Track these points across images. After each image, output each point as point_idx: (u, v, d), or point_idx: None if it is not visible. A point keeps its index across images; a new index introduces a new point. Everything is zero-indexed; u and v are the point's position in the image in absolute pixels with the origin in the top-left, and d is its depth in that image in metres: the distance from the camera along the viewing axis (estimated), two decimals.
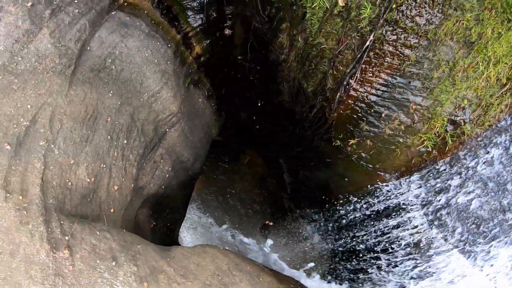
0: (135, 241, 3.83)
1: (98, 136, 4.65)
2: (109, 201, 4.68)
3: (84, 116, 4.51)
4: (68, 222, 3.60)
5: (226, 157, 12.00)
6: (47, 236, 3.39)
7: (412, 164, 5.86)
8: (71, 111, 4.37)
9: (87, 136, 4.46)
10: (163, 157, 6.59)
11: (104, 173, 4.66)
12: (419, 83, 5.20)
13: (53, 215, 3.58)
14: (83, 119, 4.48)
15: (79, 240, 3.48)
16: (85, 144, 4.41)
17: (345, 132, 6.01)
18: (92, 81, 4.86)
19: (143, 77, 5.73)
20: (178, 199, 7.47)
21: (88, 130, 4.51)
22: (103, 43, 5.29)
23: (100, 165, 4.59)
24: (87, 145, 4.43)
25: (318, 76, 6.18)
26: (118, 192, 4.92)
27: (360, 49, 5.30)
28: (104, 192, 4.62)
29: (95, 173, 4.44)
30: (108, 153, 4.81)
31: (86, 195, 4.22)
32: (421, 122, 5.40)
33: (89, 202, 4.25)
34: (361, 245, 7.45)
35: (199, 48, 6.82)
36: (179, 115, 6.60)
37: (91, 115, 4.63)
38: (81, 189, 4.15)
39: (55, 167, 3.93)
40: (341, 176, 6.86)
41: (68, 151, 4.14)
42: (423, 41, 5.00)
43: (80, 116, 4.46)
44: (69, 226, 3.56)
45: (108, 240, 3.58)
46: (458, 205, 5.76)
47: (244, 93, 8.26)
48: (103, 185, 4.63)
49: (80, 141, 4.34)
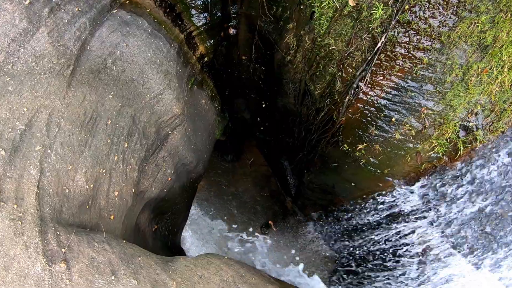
0: (135, 253, 3.65)
1: (97, 140, 4.47)
2: (109, 207, 4.50)
3: (83, 119, 4.32)
4: (65, 233, 3.42)
5: (229, 156, 11.83)
6: (42, 249, 3.21)
7: (421, 170, 5.66)
8: (69, 114, 4.19)
9: (86, 140, 4.28)
10: (165, 160, 6.40)
11: (103, 178, 4.48)
12: (431, 87, 4.99)
13: (49, 225, 3.40)
14: (82, 123, 4.30)
15: (76, 253, 3.30)
16: (84, 148, 4.22)
17: (353, 136, 5.80)
18: (91, 82, 4.68)
19: (145, 78, 5.54)
20: (180, 202, 7.29)
21: (87, 134, 4.33)
22: (104, 42, 5.11)
23: (100, 170, 4.41)
24: (86, 149, 4.25)
25: (326, 78, 5.97)
26: (119, 197, 4.74)
27: (370, 51, 5.10)
28: (103, 198, 4.44)
29: (94, 179, 4.26)
30: (108, 158, 4.62)
31: (84, 202, 4.04)
32: (432, 127, 5.20)
33: (87, 209, 4.07)
34: (367, 251, 7.26)
35: (203, 48, 6.62)
36: (182, 117, 6.41)
37: (90, 118, 4.44)
38: (79, 196, 3.97)
39: (51, 173, 3.75)
40: (347, 181, 6.66)
41: (65, 157, 3.96)
42: (436, 43, 4.79)
43: (79, 119, 4.27)
44: (66, 237, 3.38)
45: (107, 253, 3.40)
46: (468, 213, 5.58)
47: (248, 94, 8.08)
48: (103, 191, 4.45)
49: (79, 146, 4.15)
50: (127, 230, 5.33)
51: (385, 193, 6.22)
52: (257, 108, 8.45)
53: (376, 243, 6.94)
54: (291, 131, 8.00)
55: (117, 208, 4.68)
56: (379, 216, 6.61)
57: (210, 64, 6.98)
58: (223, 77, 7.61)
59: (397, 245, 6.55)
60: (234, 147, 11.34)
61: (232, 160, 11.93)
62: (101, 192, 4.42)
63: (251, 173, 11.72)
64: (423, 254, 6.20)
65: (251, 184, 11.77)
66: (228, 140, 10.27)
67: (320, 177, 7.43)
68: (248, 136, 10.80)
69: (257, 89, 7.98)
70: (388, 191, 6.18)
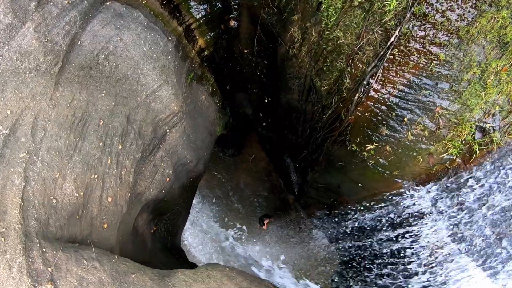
0: (129, 269, 3.37)
1: (88, 143, 4.15)
2: (102, 215, 4.21)
3: (71, 121, 4.00)
4: (52, 250, 3.13)
5: (230, 150, 11.56)
6: (27, 268, 2.93)
7: (433, 172, 5.34)
8: (57, 116, 3.86)
9: (75, 144, 3.96)
10: (163, 160, 6.10)
11: (95, 184, 4.18)
12: (447, 85, 4.64)
13: (34, 241, 3.12)
14: (71, 125, 3.98)
15: (64, 272, 3.02)
16: (73, 153, 3.91)
17: (362, 136, 5.48)
18: (82, 80, 4.34)
19: (140, 74, 5.20)
20: (180, 202, 7.02)
21: (77, 137, 4.01)
22: (96, 36, 4.75)
23: (91, 175, 4.10)
24: (75, 154, 3.94)
25: (333, 74, 5.62)
26: (113, 203, 4.45)
27: (383, 45, 4.74)
28: (96, 206, 4.15)
29: (84, 186, 3.96)
30: (100, 161, 4.32)
31: (74, 212, 3.75)
32: (446, 128, 4.86)
33: (77, 220, 3.78)
34: (373, 252, 7.00)
35: (203, 41, 6.25)
36: (181, 114, 6.08)
37: (80, 120, 4.12)
38: (68, 206, 3.67)
39: (37, 182, 3.45)
40: (354, 181, 6.36)
41: (52, 163, 3.65)
42: (453, 38, 4.43)
43: (67, 121, 3.95)
44: (53, 254, 3.10)
45: (97, 271, 3.12)
46: (481, 217, 5.28)
47: (250, 89, 7.72)
48: (95, 198, 4.15)
49: (67, 150, 3.84)
50: (123, 236, 5.06)
51: (393, 194, 5.92)
52: (259, 103, 8.10)
53: (382, 245, 6.67)
54: (294, 128, 7.67)
55: (111, 215, 4.39)
56: (386, 218, 6.32)
57: (210, 58, 6.61)
58: (224, 71, 7.25)
59: (404, 247, 6.27)
60: (236, 141, 11.04)
61: (233, 154, 11.65)
62: (93, 199, 4.12)
63: (252, 168, 11.47)
64: (431, 257, 5.92)
65: (252, 179, 11.52)
66: (229, 134, 9.96)
67: (325, 177, 7.12)
68: (250, 130, 10.51)
69: (259, 84, 7.63)
70: (396, 193, 5.87)
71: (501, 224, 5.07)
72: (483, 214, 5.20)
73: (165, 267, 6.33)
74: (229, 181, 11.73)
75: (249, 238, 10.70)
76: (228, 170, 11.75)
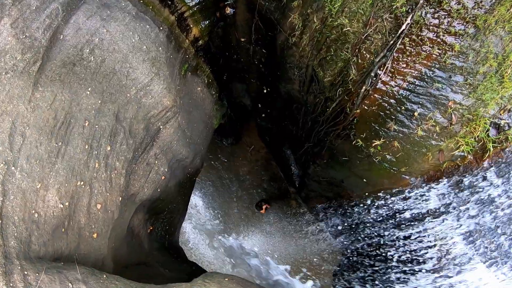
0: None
1: (72, 148, 3.81)
2: (91, 224, 3.92)
3: (53, 125, 3.64)
4: (34, 272, 2.84)
5: (228, 140, 11.25)
6: None
7: (442, 169, 5.05)
8: (36, 120, 3.50)
9: (58, 150, 3.62)
10: (157, 158, 5.77)
11: (82, 191, 3.86)
12: (461, 78, 4.29)
13: (15, 263, 2.83)
14: (52, 128, 3.63)
15: None
16: (56, 160, 3.58)
17: (368, 131, 5.15)
18: (64, 78, 3.96)
19: (129, 67, 4.81)
20: (176, 200, 6.74)
21: (59, 142, 3.67)
22: (80, 29, 4.33)
23: (77, 183, 3.78)
24: (58, 161, 3.60)
25: (338, 64, 5.23)
26: (102, 210, 4.15)
27: (393, 34, 4.35)
28: (83, 215, 3.85)
29: (70, 195, 3.65)
30: (86, 166, 3.99)
31: (59, 225, 3.45)
32: (459, 123, 4.54)
33: (63, 233, 3.48)
34: (377, 251, 6.79)
35: (197, 30, 5.82)
36: (175, 109, 5.72)
37: (63, 122, 3.77)
38: (52, 219, 3.37)
39: (16, 196, 3.13)
40: (359, 176, 6.06)
41: (33, 173, 3.32)
42: (470, 28, 4.05)
43: (48, 125, 3.60)
44: (35, 277, 2.81)
45: None
46: (492, 218, 5.02)
47: (248, 79, 7.32)
48: (82, 206, 3.85)
49: (49, 158, 3.50)
50: (116, 242, 4.78)
51: (400, 191, 5.64)
52: (258, 94, 7.72)
53: (388, 243, 6.45)
54: (295, 119, 7.32)
55: (101, 223, 4.10)
56: (392, 215, 6.06)
57: (205, 47, 6.20)
58: (220, 61, 6.84)
59: (411, 246, 6.04)
60: (234, 130, 10.72)
61: (232, 143, 11.35)
62: (80, 208, 3.82)
63: (251, 157, 11.19)
64: (439, 257, 5.70)
65: (251, 168, 11.27)
66: (227, 123, 9.62)
67: (328, 171, 6.83)
68: (248, 119, 10.18)
69: (257, 74, 7.23)
70: (404, 190, 5.60)
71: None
72: (494, 213, 4.94)
73: (163, 267, 6.11)
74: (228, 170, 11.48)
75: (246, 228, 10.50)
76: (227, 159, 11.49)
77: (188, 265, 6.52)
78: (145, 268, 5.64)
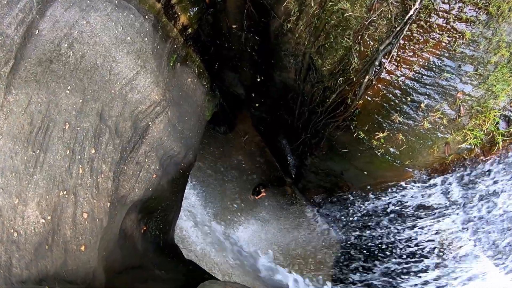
0: None
1: (52, 155, 3.46)
2: (78, 236, 3.61)
3: (29, 131, 3.28)
4: None
5: (222, 128, 10.92)
6: None
7: (447, 161, 4.84)
8: (10, 127, 3.13)
9: (36, 159, 3.27)
10: (147, 156, 5.43)
11: (66, 202, 3.54)
12: (471, 68, 4.01)
13: None
14: (28, 136, 3.26)
15: None
16: (34, 170, 3.23)
17: (371, 123, 4.87)
18: (40, 77, 3.56)
19: (112, 61, 4.40)
20: (170, 197, 6.44)
21: (37, 150, 3.31)
22: (57, 22, 3.88)
23: (59, 193, 3.45)
24: (37, 171, 3.26)
25: (338, 52, 4.89)
26: (90, 219, 3.84)
27: (399, 19, 4.02)
28: (69, 227, 3.53)
29: (52, 207, 3.32)
30: (69, 173, 3.65)
31: (42, 242, 3.14)
32: (467, 116, 4.29)
33: (47, 250, 3.17)
34: (378, 243, 6.64)
35: (185, 18, 5.39)
36: (164, 103, 5.35)
37: (40, 127, 3.40)
38: (33, 236, 3.05)
39: None
40: (359, 169, 5.83)
41: (9, 187, 2.98)
42: (482, 14, 3.75)
43: (24, 131, 3.23)
44: None
45: None
46: (497, 211, 4.86)
47: (241, 67, 6.93)
48: (67, 218, 3.53)
49: (26, 169, 3.15)
50: (107, 249, 4.50)
51: (403, 183, 5.43)
52: (251, 82, 7.34)
53: (390, 236, 6.29)
54: (290, 109, 7.00)
55: (89, 234, 3.80)
56: (395, 207, 5.88)
57: (194, 36, 5.77)
58: (211, 50, 6.42)
59: (413, 239, 5.89)
60: (227, 119, 10.37)
61: (225, 132, 11.03)
62: (64, 220, 3.50)
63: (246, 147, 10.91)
64: (441, 252, 5.56)
65: (246, 155, 11.01)
66: (220, 112, 9.26)
67: (327, 163, 6.58)
68: (241, 108, 9.83)
69: (250, 62, 6.83)
70: (406, 182, 5.39)
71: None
72: (500, 207, 4.77)
73: (158, 269, 5.87)
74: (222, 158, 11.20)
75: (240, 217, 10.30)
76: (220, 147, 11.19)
77: (184, 265, 6.30)
78: (140, 271, 5.39)
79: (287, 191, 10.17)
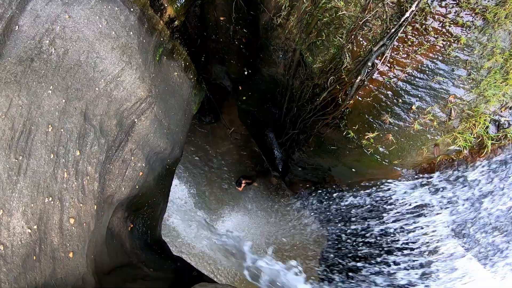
0: None
1: (35, 160, 3.28)
2: (65, 243, 3.48)
3: (10, 137, 3.08)
4: None
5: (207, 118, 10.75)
6: None
7: (436, 162, 4.91)
8: None
9: (19, 166, 3.09)
10: (133, 153, 5.27)
11: (52, 208, 3.38)
12: (464, 72, 4.03)
13: None
14: (10, 141, 3.07)
15: None
16: (18, 178, 3.05)
17: (361, 123, 4.86)
18: (21, 78, 3.33)
19: (96, 58, 4.18)
20: (156, 194, 6.32)
21: (20, 156, 3.12)
22: (38, 17, 3.64)
23: (44, 200, 3.29)
24: (21, 178, 3.08)
25: (329, 50, 4.82)
26: (77, 224, 3.70)
27: (394, 20, 3.97)
28: (56, 234, 3.39)
29: (38, 216, 3.17)
30: (54, 178, 3.48)
31: (29, 253, 3.00)
32: (458, 119, 4.34)
33: (35, 261, 3.04)
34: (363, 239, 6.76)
35: (172, 10, 5.16)
36: (150, 99, 5.17)
37: (22, 131, 3.20)
38: (20, 248, 2.91)
39: None
40: (347, 166, 5.86)
41: None
42: (478, 20, 3.75)
43: (5, 137, 3.03)
44: None
45: None
46: (485, 213, 5.00)
47: (228, 60, 6.76)
48: (53, 225, 3.38)
49: (9, 177, 2.98)
50: (95, 250, 4.37)
51: (391, 182, 5.50)
52: (238, 75, 7.19)
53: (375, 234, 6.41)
54: (278, 103, 6.92)
55: (77, 239, 3.66)
56: (381, 206, 5.97)
57: (181, 28, 5.55)
58: (198, 42, 6.21)
59: (398, 238, 6.02)
60: (213, 108, 10.21)
61: (211, 122, 10.87)
62: (51, 227, 3.35)
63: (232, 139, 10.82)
64: (427, 251, 5.70)
65: (232, 146, 10.93)
66: (206, 101, 9.09)
67: (314, 159, 6.58)
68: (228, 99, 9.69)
69: (238, 55, 6.68)
70: (394, 181, 5.46)
71: (505, 222, 4.82)
72: (488, 209, 4.91)
73: (147, 266, 5.79)
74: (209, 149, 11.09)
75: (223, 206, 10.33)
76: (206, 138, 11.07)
77: (172, 261, 6.24)
78: (128, 270, 5.30)
79: (272, 182, 10.21)
